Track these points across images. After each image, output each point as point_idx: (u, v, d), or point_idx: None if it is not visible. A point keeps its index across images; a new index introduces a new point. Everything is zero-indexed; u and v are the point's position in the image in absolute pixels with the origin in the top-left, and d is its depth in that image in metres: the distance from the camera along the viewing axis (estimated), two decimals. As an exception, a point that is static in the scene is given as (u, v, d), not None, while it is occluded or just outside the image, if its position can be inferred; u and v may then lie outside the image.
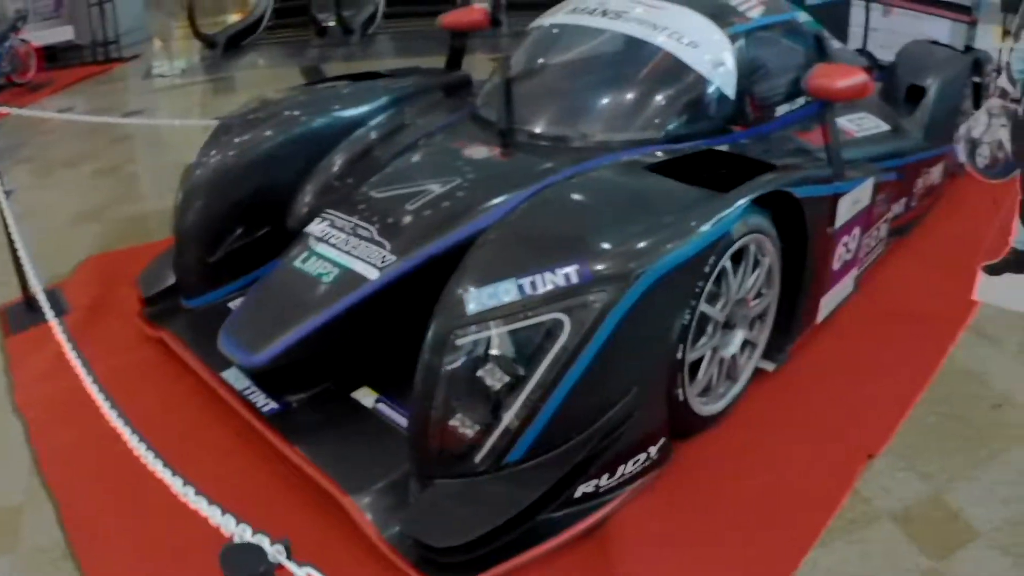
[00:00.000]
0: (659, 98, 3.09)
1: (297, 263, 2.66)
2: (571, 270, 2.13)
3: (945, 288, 3.57)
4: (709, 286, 2.39)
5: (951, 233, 4.10)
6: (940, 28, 5.83)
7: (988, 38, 5.76)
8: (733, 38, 3.21)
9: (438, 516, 2.09)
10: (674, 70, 3.10)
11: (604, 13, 3.30)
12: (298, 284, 2.60)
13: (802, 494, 2.42)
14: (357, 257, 2.59)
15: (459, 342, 2.11)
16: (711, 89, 3.10)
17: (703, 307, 2.40)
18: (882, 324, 3.30)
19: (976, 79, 4.51)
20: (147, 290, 3.22)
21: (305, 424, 2.54)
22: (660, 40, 3.14)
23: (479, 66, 4.07)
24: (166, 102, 7.26)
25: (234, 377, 2.72)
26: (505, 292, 2.11)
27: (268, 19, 9.15)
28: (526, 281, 2.13)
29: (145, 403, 2.75)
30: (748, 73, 3.19)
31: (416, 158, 3.03)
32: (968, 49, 4.65)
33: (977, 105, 4.67)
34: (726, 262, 2.44)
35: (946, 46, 4.81)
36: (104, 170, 5.34)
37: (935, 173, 4.07)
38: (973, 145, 3.52)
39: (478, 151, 2.97)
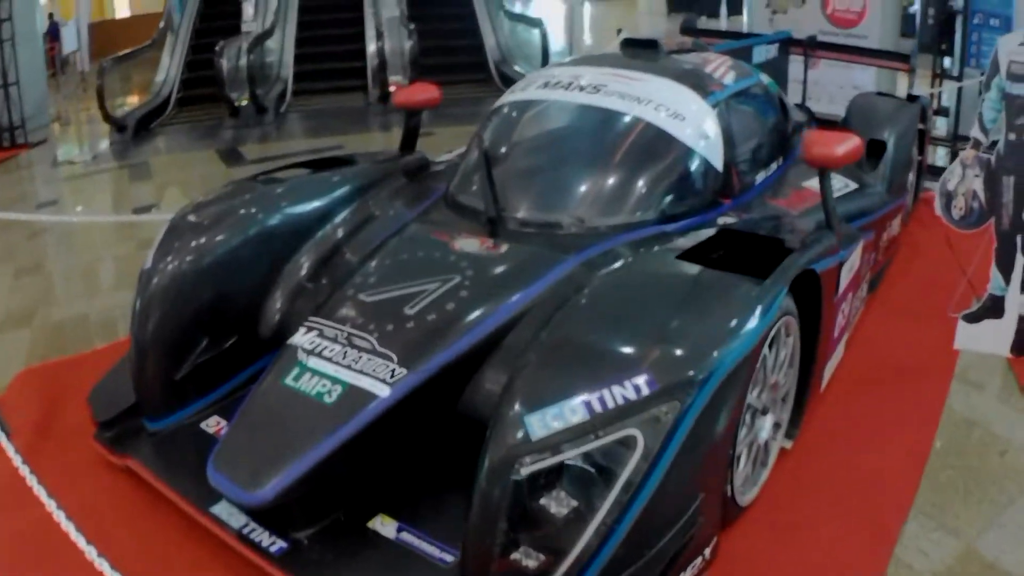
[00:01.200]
0: (652, 176, 3.00)
1: (288, 380, 2.37)
2: (640, 381, 1.97)
3: (923, 339, 3.62)
4: (755, 376, 2.30)
5: (914, 282, 4.19)
6: (866, 77, 6.04)
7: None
8: (714, 106, 3.19)
9: None
10: (664, 145, 3.04)
11: (581, 88, 3.21)
12: (295, 406, 2.31)
13: (846, 568, 2.34)
14: (360, 372, 2.34)
15: (524, 471, 1.90)
16: (700, 162, 3.05)
17: (749, 398, 2.30)
18: (874, 383, 3.28)
19: (920, 126, 4.62)
20: (103, 413, 2.83)
21: (322, 563, 2.22)
22: (645, 114, 3.07)
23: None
24: (80, 192, 6.88)
25: (226, 513, 2.37)
26: (571, 412, 1.92)
27: (175, 98, 8.86)
28: (593, 397, 1.94)
29: (122, 542, 2.44)
30: (730, 142, 3.16)
31: (402, 255, 2.81)
32: (912, 98, 4.77)
33: (922, 152, 4.81)
34: (765, 349, 2.35)
35: (891, 96, 4.93)
36: (27, 269, 4.97)
37: (896, 224, 4.12)
38: (948, 197, 3.58)
39: (468, 244, 2.78)
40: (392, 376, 2.30)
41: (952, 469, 2.80)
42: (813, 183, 3.67)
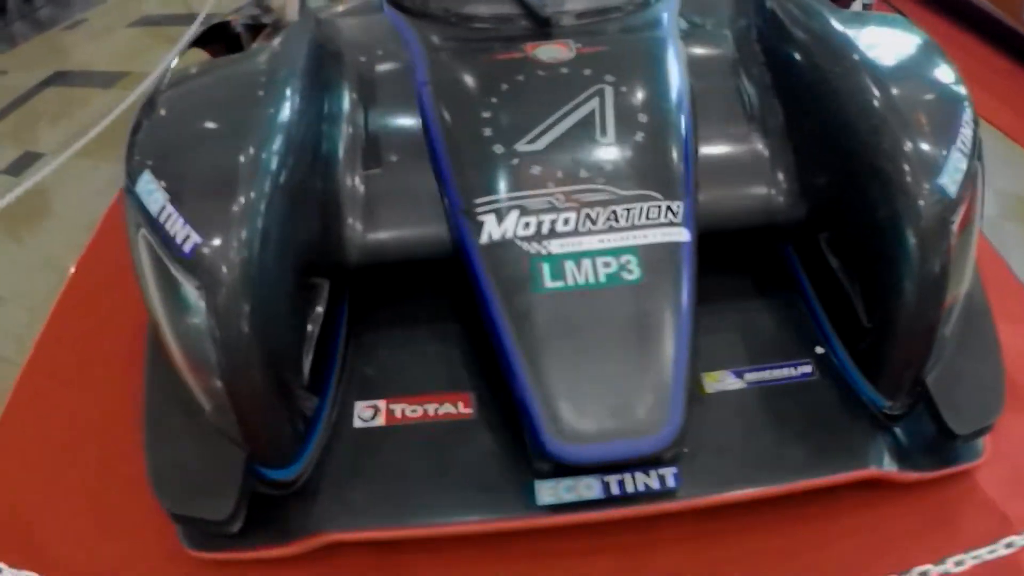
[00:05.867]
0: None
1: (547, 285, 1.81)
2: (962, 115, 1.84)
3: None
4: None
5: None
6: None
7: None
8: None
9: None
10: None
11: None
12: (592, 309, 1.79)
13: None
14: (633, 227, 1.88)
15: (954, 226, 1.73)
16: None
17: None
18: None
19: None
20: (213, 507, 1.70)
21: (728, 464, 1.85)
22: None
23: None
24: None
25: (553, 491, 1.77)
26: (960, 158, 1.76)
27: None
28: (960, 140, 1.78)
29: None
30: None
31: (499, 88, 2.18)
32: None
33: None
34: None
35: None
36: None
37: None
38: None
39: (552, 52, 2.27)
40: (675, 214, 1.91)
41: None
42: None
